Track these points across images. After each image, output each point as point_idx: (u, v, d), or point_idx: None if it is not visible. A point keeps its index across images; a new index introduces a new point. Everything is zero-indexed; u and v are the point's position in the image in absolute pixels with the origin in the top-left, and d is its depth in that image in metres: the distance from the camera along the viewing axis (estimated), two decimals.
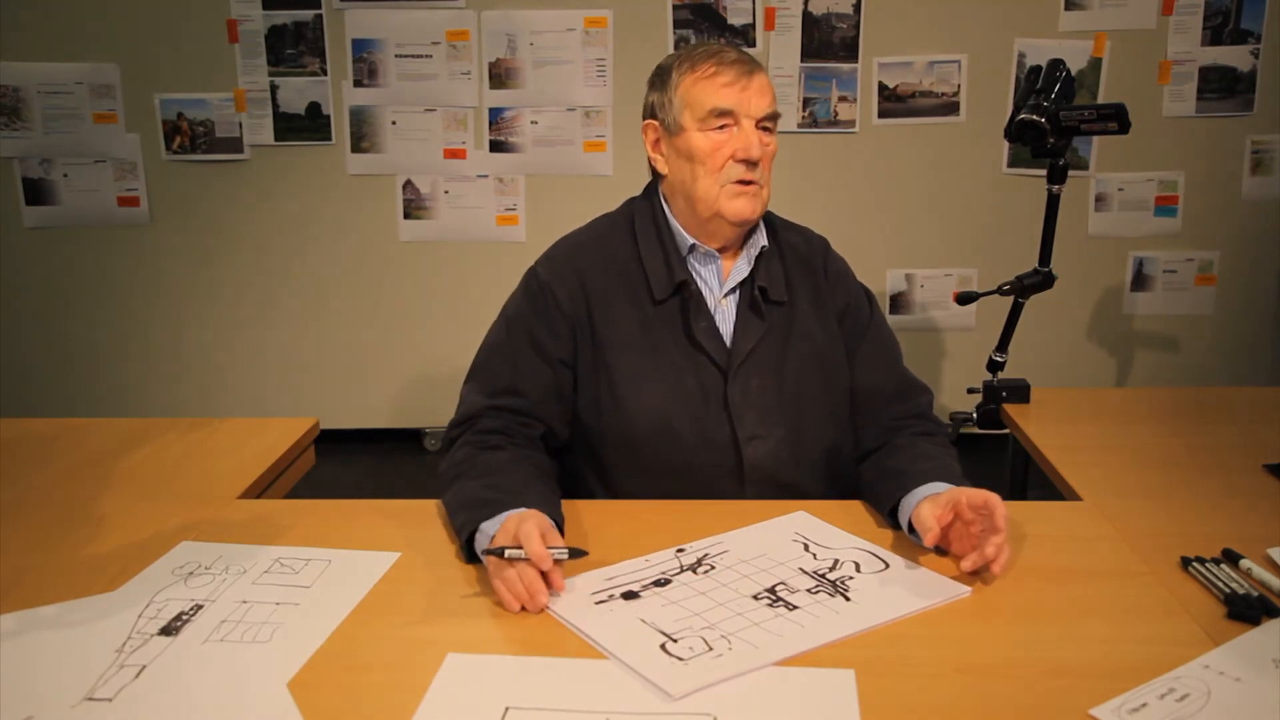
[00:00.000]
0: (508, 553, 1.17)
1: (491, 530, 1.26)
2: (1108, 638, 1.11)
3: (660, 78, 1.52)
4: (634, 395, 1.48)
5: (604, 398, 1.50)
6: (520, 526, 1.19)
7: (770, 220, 1.60)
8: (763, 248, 1.53)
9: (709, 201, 1.47)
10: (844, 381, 1.56)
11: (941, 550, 1.30)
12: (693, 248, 1.52)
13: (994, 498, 1.22)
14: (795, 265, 1.57)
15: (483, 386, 1.51)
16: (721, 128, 1.45)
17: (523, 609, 1.18)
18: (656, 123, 1.52)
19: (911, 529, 1.32)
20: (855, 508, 1.46)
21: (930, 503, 1.29)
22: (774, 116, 1.48)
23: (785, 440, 1.50)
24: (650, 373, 1.49)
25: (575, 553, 1.22)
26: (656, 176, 1.57)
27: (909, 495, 1.35)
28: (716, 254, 1.52)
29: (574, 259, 1.54)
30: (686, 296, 1.50)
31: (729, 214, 1.47)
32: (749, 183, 1.46)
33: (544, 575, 1.18)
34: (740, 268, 1.53)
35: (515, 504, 1.28)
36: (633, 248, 1.53)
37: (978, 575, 1.24)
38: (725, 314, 1.52)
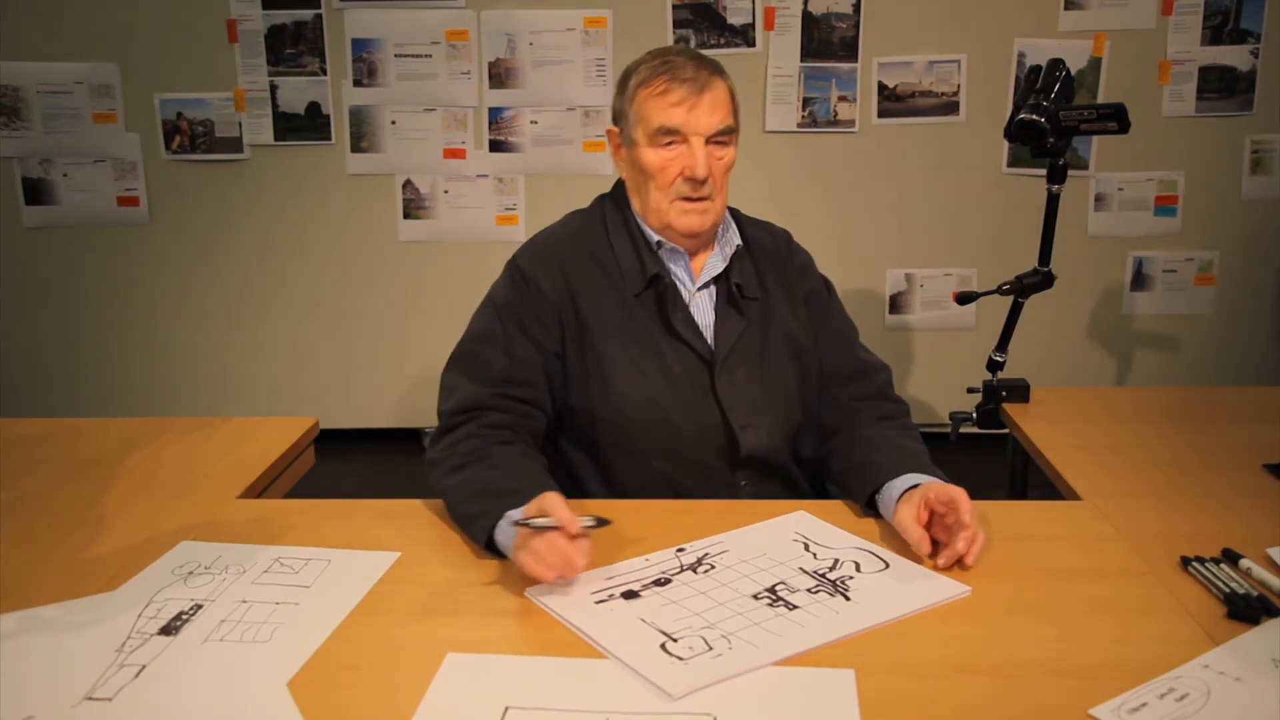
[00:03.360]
0: (534, 522, 1.18)
1: (518, 516, 1.27)
2: (1108, 638, 1.11)
3: (622, 84, 1.54)
4: (623, 379, 1.51)
5: (594, 382, 1.52)
6: (543, 501, 1.21)
7: (738, 219, 1.64)
8: (738, 246, 1.57)
9: (660, 214, 1.52)
10: (815, 365, 1.62)
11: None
12: (660, 243, 1.55)
13: (959, 493, 1.26)
14: (765, 260, 1.62)
15: (478, 375, 1.51)
16: (670, 144, 1.48)
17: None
18: (617, 130, 1.56)
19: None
20: (855, 508, 1.46)
21: (906, 505, 1.32)
22: (727, 131, 1.49)
23: (774, 426, 1.55)
24: (637, 357, 1.52)
25: (600, 522, 1.22)
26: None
27: (883, 490, 1.39)
28: (684, 251, 1.56)
29: (555, 251, 1.57)
30: (661, 289, 1.53)
31: (678, 227, 1.52)
32: (698, 199, 1.49)
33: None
34: (713, 263, 1.57)
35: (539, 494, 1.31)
36: (606, 243, 1.57)
37: (955, 568, 1.26)
38: (700, 306, 1.56)
